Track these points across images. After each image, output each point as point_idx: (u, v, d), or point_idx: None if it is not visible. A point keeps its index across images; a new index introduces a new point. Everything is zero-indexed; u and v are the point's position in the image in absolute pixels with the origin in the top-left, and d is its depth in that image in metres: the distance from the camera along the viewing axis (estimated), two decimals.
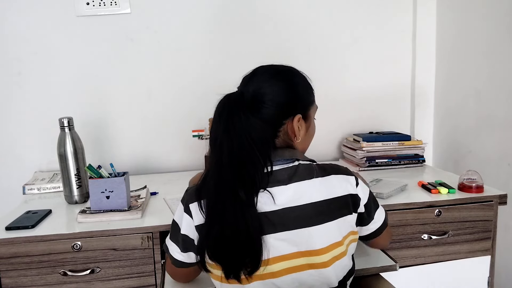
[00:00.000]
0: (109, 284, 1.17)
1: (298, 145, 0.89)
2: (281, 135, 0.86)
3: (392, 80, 1.93)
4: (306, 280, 0.82)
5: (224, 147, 0.79)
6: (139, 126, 1.80)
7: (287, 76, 0.89)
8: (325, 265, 0.82)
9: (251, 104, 0.83)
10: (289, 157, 0.85)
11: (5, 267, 1.13)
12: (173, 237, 0.89)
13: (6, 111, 1.71)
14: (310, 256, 0.81)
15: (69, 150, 1.36)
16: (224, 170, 0.79)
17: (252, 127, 0.80)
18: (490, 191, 1.34)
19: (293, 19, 1.82)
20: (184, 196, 0.87)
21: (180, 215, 0.86)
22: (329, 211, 0.82)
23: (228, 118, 0.80)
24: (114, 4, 1.69)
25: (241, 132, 0.79)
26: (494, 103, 1.59)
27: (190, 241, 0.85)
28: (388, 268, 1.06)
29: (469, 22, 1.70)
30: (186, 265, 0.89)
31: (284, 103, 0.85)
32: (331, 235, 0.82)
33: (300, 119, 0.87)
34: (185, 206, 0.85)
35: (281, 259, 0.80)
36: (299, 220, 0.80)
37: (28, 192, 1.53)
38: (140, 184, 1.52)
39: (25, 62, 1.69)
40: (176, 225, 0.87)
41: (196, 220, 0.83)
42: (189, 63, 1.78)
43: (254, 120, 0.81)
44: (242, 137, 0.79)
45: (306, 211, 0.81)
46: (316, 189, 0.82)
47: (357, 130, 1.91)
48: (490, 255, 1.35)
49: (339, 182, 0.85)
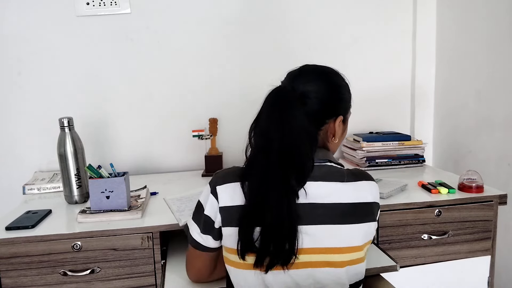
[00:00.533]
0: (109, 284, 1.17)
1: (333, 146, 0.92)
2: (322, 133, 0.89)
3: (392, 80, 1.94)
4: (321, 277, 0.83)
5: (275, 138, 0.80)
6: (139, 126, 1.80)
7: (333, 77, 0.92)
8: (342, 265, 0.83)
9: (300, 100, 0.85)
10: (322, 157, 0.87)
11: (5, 267, 1.13)
12: (196, 217, 0.90)
13: (6, 111, 1.71)
14: (328, 253, 0.82)
15: (69, 150, 1.36)
16: (273, 160, 0.80)
17: (304, 121, 0.82)
18: (490, 191, 1.34)
19: (293, 19, 1.82)
20: (213, 179, 0.88)
21: (206, 196, 0.87)
22: (355, 214, 0.84)
23: (282, 110, 0.82)
24: (114, 4, 1.69)
25: (294, 123, 0.81)
26: (494, 103, 1.59)
27: (211, 222, 0.86)
28: (388, 268, 1.07)
29: (469, 22, 1.70)
30: (201, 247, 0.90)
31: (330, 103, 0.88)
32: (352, 237, 0.84)
33: (341, 120, 0.90)
34: (212, 188, 0.86)
35: (301, 252, 0.81)
36: (324, 217, 0.82)
37: (28, 192, 1.53)
38: (140, 184, 1.52)
39: (25, 62, 1.69)
40: (201, 206, 0.88)
41: (222, 202, 0.84)
42: (189, 63, 1.78)
43: (305, 115, 0.83)
44: (294, 128, 0.81)
45: (332, 210, 0.82)
46: (345, 192, 0.84)
47: (357, 130, 1.91)
48: (490, 255, 1.35)
49: (369, 188, 0.87)
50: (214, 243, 0.89)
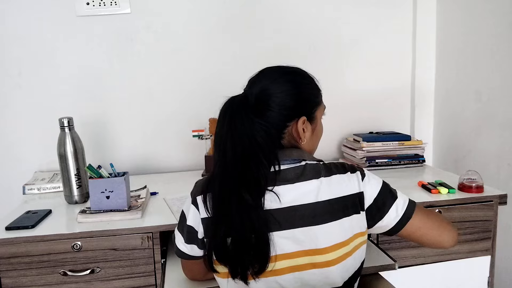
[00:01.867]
0: (109, 284, 1.17)
1: (305, 146, 0.89)
2: (286, 136, 0.87)
3: (392, 80, 1.93)
4: (308, 279, 0.83)
5: (228, 148, 0.80)
6: (139, 126, 1.80)
7: (293, 77, 0.88)
8: (328, 264, 0.82)
9: (255, 107, 0.83)
10: (297, 157, 0.85)
11: (5, 267, 1.13)
12: (180, 227, 0.90)
13: (6, 111, 1.71)
14: (314, 255, 0.81)
15: (69, 150, 1.36)
16: (228, 171, 0.80)
17: (256, 130, 0.81)
18: (490, 191, 1.34)
19: (293, 19, 1.82)
20: (193, 189, 0.88)
21: (188, 206, 0.87)
22: (334, 210, 0.82)
23: (231, 121, 0.81)
24: (114, 4, 1.69)
25: (244, 134, 0.80)
26: (494, 103, 1.59)
27: (194, 232, 0.86)
28: (387, 267, 1.07)
29: (470, 21, 1.70)
30: (187, 256, 0.90)
31: (289, 106, 0.84)
32: (335, 235, 0.82)
33: (305, 121, 0.87)
34: (193, 198, 0.86)
35: (285, 257, 0.81)
36: (304, 219, 0.80)
37: (28, 192, 1.53)
38: (140, 184, 1.52)
39: (25, 62, 1.69)
40: (184, 216, 0.88)
41: (203, 212, 0.84)
42: (189, 63, 1.78)
43: (258, 122, 0.81)
44: (244, 139, 0.80)
45: (311, 210, 0.81)
46: (322, 189, 0.82)
47: (357, 130, 1.91)
48: (490, 255, 1.35)
49: (345, 181, 0.84)
50: (199, 252, 0.88)
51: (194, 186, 0.88)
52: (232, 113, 0.81)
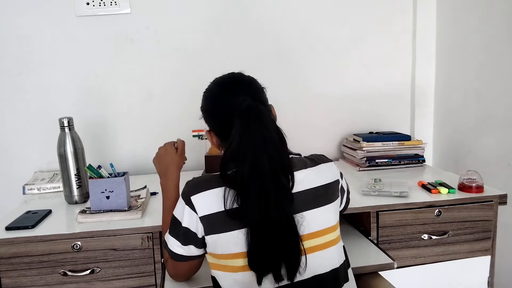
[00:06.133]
0: (109, 284, 1.17)
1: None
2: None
3: (392, 80, 1.93)
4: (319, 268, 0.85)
5: (258, 140, 0.82)
6: (139, 126, 1.80)
7: (255, 84, 1.04)
8: (324, 247, 0.86)
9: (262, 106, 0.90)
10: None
11: (5, 267, 1.13)
12: (173, 231, 0.90)
13: (6, 111, 1.71)
14: (308, 239, 0.84)
15: (69, 150, 1.36)
16: (260, 159, 0.81)
17: (273, 122, 0.88)
18: (490, 191, 1.34)
19: (293, 19, 1.82)
20: (184, 190, 0.89)
21: (181, 209, 0.87)
22: (326, 195, 0.90)
23: (258, 118, 0.84)
24: (114, 4, 1.69)
25: (272, 128, 0.84)
26: (494, 103, 1.59)
27: (192, 234, 0.86)
28: (385, 266, 1.07)
29: (469, 22, 1.70)
30: (185, 258, 0.90)
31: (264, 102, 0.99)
32: (327, 218, 0.89)
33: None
34: (187, 200, 0.86)
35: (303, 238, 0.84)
36: (299, 205, 0.85)
37: (28, 192, 1.53)
38: (140, 184, 1.52)
39: (25, 62, 1.69)
40: (176, 220, 0.88)
41: (201, 211, 0.84)
42: (189, 63, 1.78)
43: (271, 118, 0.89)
44: (273, 132, 0.84)
45: (305, 196, 0.86)
46: (311, 177, 0.89)
47: (357, 130, 1.91)
48: (490, 255, 1.35)
49: (329, 169, 0.94)
50: (197, 251, 0.89)
51: (186, 187, 0.89)
52: (258, 112, 0.84)
